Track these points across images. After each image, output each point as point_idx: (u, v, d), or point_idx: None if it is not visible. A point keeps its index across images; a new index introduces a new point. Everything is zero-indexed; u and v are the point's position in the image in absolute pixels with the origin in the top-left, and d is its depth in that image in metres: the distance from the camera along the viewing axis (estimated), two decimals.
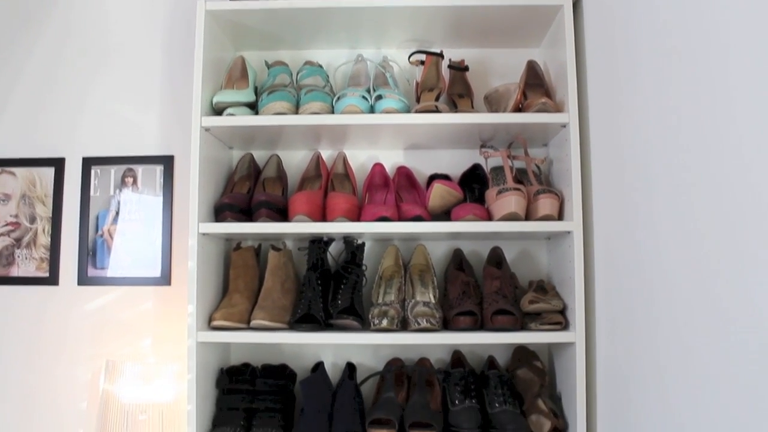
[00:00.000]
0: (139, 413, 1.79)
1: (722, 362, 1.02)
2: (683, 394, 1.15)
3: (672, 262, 1.20)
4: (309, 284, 1.77)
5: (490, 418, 1.71)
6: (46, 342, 2.07)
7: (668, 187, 1.21)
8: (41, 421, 2.06)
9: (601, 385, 1.61)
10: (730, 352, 1.00)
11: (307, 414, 1.74)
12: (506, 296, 1.74)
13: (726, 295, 1.01)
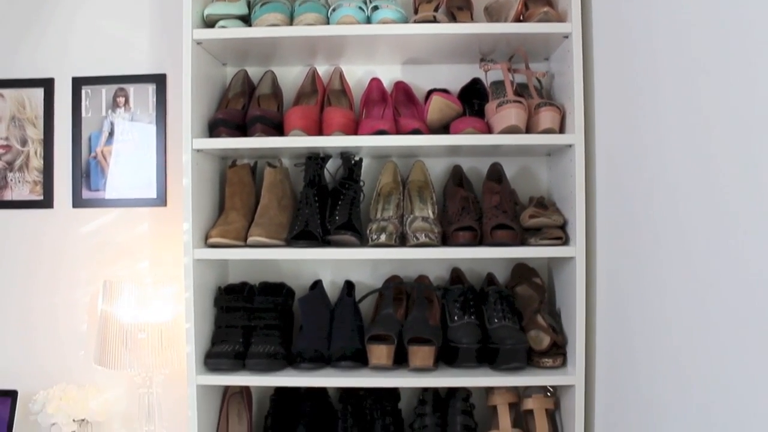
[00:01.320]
0: (138, 332, 1.79)
1: (726, 272, 1.00)
2: (684, 307, 1.14)
3: (677, 172, 1.17)
4: (306, 201, 1.74)
5: (489, 334, 1.71)
6: (43, 265, 2.06)
7: (675, 99, 1.17)
8: (41, 344, 2.06)
9: (601, 301, 1.61)
10: (735, 257, 0.98)
11: (305, 331, 1.74)
12: (506, 211, 1.72)
13: (733, 199, 0.99)
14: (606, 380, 1.57)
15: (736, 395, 0.97)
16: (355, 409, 1.80)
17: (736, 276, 0.97)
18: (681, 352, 1.15)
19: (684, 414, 1.14)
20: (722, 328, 1.01)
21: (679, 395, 1.16)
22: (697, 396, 1.09)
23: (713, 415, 1.04)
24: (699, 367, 1.08)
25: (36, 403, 1.93)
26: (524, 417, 1.81)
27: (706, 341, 1.06)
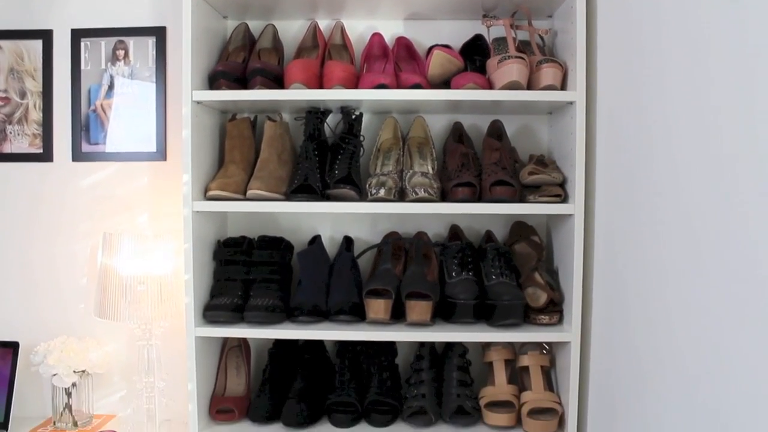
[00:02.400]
0: (138, 284, 1.80)
1: (724, 229, 1.00)
2: (681, 265, 1.14)
3: (678, 131, 1.16)
4: (306, 154, 1.74)
5: (487, 290, 1.72)
6: (43, 219, 2.06)
7: (679, 57, 1.16)
8: (42, 297, 2.08)
9: (599, 259, 1.61)
10: (733, 214, 0.98)
11: (304, 285, 1.75)
12: (506, 168, 1.71)
13: (733, 154, 0.98)
14: (601, 338, 1.58)
15: (729, 351, 0.98)
16: (352, 364, 1.82)
17: (733, 232, 0.97)
18: (677, 310, 1.15)
19: (677, 370, 1.15)
20: (718, 285, 1.01)
21: (673, 352, 1.16)
22: (691, 352, 1.10)
23: (706, 371, 1.04)
24: (693, 324, 1.09)
25: (37, 355, 1.95)
26: (520, 373, 1.83)
27: (701, 299, 1.06)
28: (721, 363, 1.00)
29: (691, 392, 1.09)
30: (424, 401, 1.72)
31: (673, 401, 1.16)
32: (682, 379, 1.13)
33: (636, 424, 1.33)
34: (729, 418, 0.97)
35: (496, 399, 1.74)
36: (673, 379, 1.16)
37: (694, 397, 1.08)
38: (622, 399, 1.42)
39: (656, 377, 1.23)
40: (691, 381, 1.09)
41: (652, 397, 1.25)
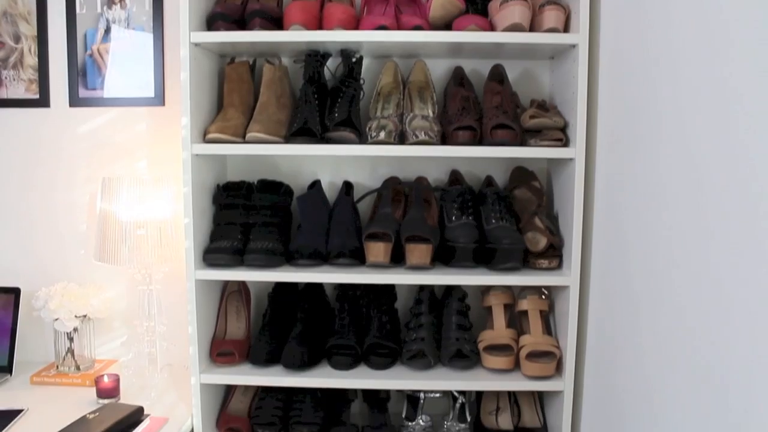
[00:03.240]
0: (137, 228, 1.80)
1: (727, 177, 0.99)
2: (682, 211, 1.13)
3: (682, 75, 1.15)
4: (305, 98, 1.72)
5: (486, 234, 1.72)
6: (41, 165, 2.06)
7: None
8: (42, 243, 2.08)
9: (599, 203, 1.61)
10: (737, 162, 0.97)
11: (304, 229, 1.75)
12: (507, 112, 1.70)
13: (742, 97, 0.97)
14: (600, 282, 1.58)
15: (729, 294, 0.98)
16: (351, 308, 1.83)
17: (736, 181, 0.97)
18: (677, 254, 1.15)
19: (676, 313, 1.15)
20: (721, 228, 1.01)
21: (672, 296, 1.17)
22: (689, 296, 1.10)
23: (705, 314, 1.05)
24: (693, 267, 1.09)
25: (38, 300, 1.96)
26: (518, 318, 1.84)
27: (702, 242, 1.06)
28: (720, 304, 1.00)
29: (689, 335, 1.10)
30: (423, 345, 1.74)
31: (671, 344, 1.17)
32: (680, 322, 1.13)
33: (634, 368, 1.34)
34: (727, 357, 0.98)
35: (494, 343, 1.76)
36: (672, 323, 1.17)
37: (692, 340, 1.09)
38: (620, 342, 1.43)
39: (655, 321, 1.24)
40: (690, 324, 1.10)
41: (650, 341, 1.26)
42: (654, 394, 1.23)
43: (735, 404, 0.95)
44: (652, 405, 1.24)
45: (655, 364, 1.23)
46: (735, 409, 0.95)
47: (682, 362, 1.12)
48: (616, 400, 1.45)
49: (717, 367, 1.00)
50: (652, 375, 1.25)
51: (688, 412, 1.09)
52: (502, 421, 1.81)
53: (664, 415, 1.18)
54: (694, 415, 1.07)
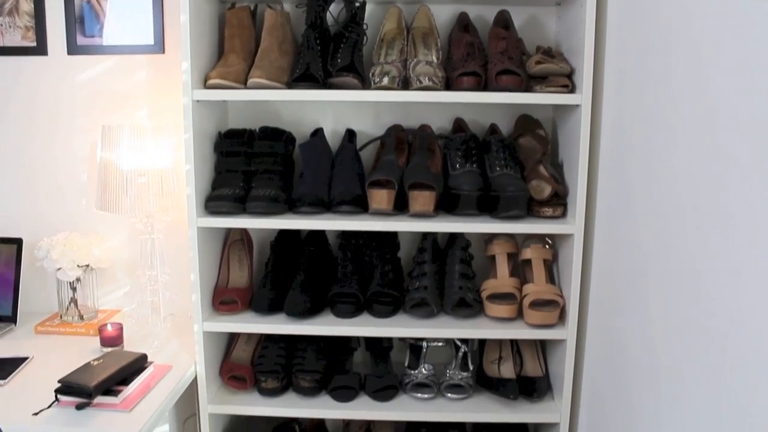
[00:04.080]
0: (138, 177, 1.78)
1: (738, 129, 0.97)
2: (690, 160, 1.11)
3: (694, 21, 1.11)
4: (307, 43, 1.69)
5: (490, 182, 1.70)
6: (40, 115, 2.03)
7: None
8: (43, 194, 2.07)
9: (604, 152, 1.58)
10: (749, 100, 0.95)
11: (306, 177, 1.73)
12: (512, 57, 1.67)
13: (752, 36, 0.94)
14: (605, 231, 1.57)
15: (740, 243, 0.96)
16: (354, 257, 1.82)
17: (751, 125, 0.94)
18: (685, 202, 1.13)
19: (682, 263, 1.13)
20: (732, 178, 0.98)
21: (678, 246, 1.15)
22: (697, 246, 1.08)
23: (713, 264, 1.03)
24: (702, 216, 1.07)
25: (41, 250, 1.96)
26: (522, 267, 1.84)
27: (712, 191, 1.04)
28: (729, 251, 0.98)
29: (695, 285, 1.08)
30: (426, 293, 1.73)
31: (676, 295, 1.15)
32: (687, 272, 1.12)
33: (638, 317, 1.34)
34: (735, 304, 0.97)
35: (497, 291, 1.75)
36: (678, 273, 1.15)
37: (698, 291, 1.08)
38: (624, 291, 1.42)
39: (660, 269, 1.23)
40: (697, 274, 1.08)
41: (655, 290, 1.25)
42: (657, 342, 1.23)
43: (740, 349, 0.94)
44: (655, 353, 1.24)
45: (660, 312, 1.22)
46: (740, 354, 0.94)
47: (687, 309, 1.11)
48: (619, 349, 1.45)
49: (724, 313, 0.99)
50: (655, 323, 1.24)
51: (692, 359, 1.09)
52: (504, 370, 1.81)
53: (668, 364, 1.18)
54: (699, 362, 1.07)
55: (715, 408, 1.00)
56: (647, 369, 1.27)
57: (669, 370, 1.17)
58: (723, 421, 0.98)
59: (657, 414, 1.21)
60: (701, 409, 1.05)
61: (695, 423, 1.06)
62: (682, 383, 1.12)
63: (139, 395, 1.61)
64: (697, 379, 1.06)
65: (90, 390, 1.53)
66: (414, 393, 1.80)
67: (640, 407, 1.31)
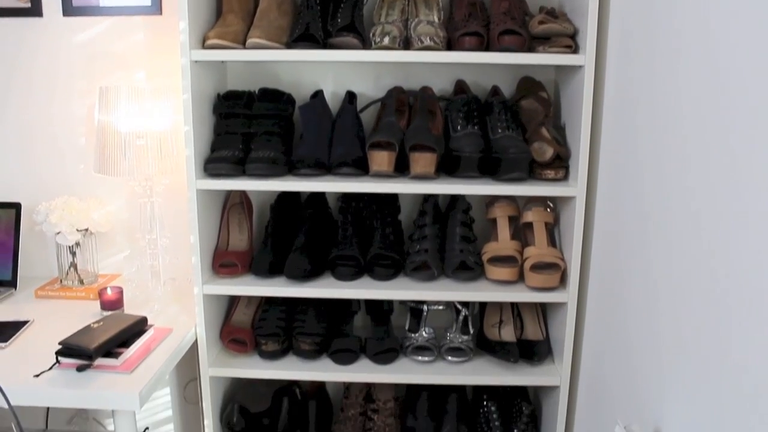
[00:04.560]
0: (137, 139, 1.77)
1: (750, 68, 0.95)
2: (695, 121, 1.09)
3: None
4: (307, 3, 1.66)
5: (492, 144, 1.69)
6: (36, 78, 2.01)
7: None
8: (41, 158, 2.05)
9: (608, 113, 1.56)
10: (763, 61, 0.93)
11: (306, 139, 1.72)
12: (515, 18, 1.64)
13: None
14: (607, 193, 1.56)
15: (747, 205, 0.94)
16: (355, 220, 1.81)
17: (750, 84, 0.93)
18: (692, 163, 1.11)
19: (687, 225, 1.12)
20: (741, 137, 0.97)
21: (683, 209, 1.13)
22: (704, 207, 1.06)
23: (719, 226, 1.02)
24: (709, 178, 1.05)
25: (39, 214, 1.95)
26: (523, 230, 1.83)
27: (719, 150, 1.02)
28: (736, 213, 0.97)
29: (700, 247, 1.07)
30: (427, 256, 1.73)
31: (680, 258, 1.14)
32: (691, 234, 1.10)
33: (640, 280, 1.32)
34: (739, 267, 0.95)
35: (498, 254, 1.74)
36: (682, 235, 1.14)
37: (703, 252, 1.06)
38: (626, 254, 1.41)
39: (663, 233, 1.21)
40: (702, 235, 1.07)
41: (658, 254, 1.23)
42: (659, 305, 1.22)
43: (743, 310, 0.93)
44: (657, 316, 1.23)
45: (662, 275, 1.21)
46: (743, 316, 0.93)
47: (690, 272, 1.10)
48: (620, 312, 1.44)
49: (729, 274, 0.98)
50: (658, 287, 1.23)
51: (695, 321, 1.08)
52: (505, 334, 1.82)
53: (670, 327, 1.17)
54: (701, 325, 1.06)
55: (718, 371, 1.00)
56: (649, 332, 1.27)
57: (671, 333, 1.17)
58: (725, 383, 0.97)
59: (659, 377, 1.21)
60: (703, 372, 1.04)
61: (697, 385, 1.06)
62: (684, 346, 1.11)
63: (139, 357, 1.62)
64: (700, 341, 1.06)
65: (90, 352, 1.53)
66: (414, 356, 1.80)
67: (641, 370, 1.30)
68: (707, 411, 1.02)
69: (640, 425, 1.27)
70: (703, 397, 1.04)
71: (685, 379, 1.11)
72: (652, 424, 1.23)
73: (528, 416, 1.87)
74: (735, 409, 0.94)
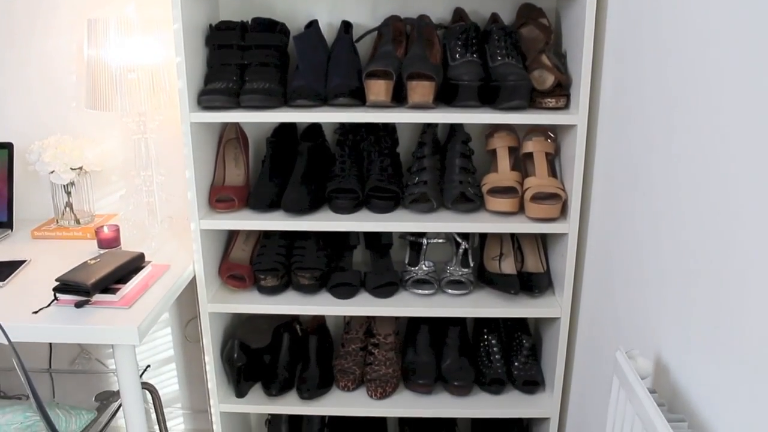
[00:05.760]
0: (128, 72, 1.73)
1: None
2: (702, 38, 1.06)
3: None
4: None
5: (491, 72, 1.65)
6: (20, 13, 1.94)
7: None
8: (32, 97, 2.01)
9: (610, 38, 1.51)
10: None
11: (302, 70, 1.68)
12: None
13: None
14: (610, 120, 1.52)
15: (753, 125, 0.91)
16: (352, 153, 1.78)
17: None
18: (692, 88, 1.08)
19: (692, 151, 1.09)
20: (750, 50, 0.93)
21: (688, 133, 1.10)
22: (709, 131, 1.03)
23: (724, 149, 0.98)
24: (714, 101, 1.02)
25: (32, 153, 1.92)
26: (523, 161, 1.80)
27: (719, 73, 0.99)
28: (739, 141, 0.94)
29: (704, 175, 1.04)
30: (426, 188, 1.70)
31: (682, 185, 1.11)
32: (695, 162, 1.07)
33: (642, 210, 1.30)
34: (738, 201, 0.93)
35: (498, 185, 1.72)
36: (685, 161, 1.10)
37: (706, 181, 1.03)
38: (628, 184, 1.38)
39: (666, 160, 1.18)
40: (705, 163, 1.04)
41: (661, 182, 1.20)
42: (661, 235, 1.20)
43: (744, 240, 0.91)
44: (659, 246, 1.21)
45: (665, 204, 1.18)
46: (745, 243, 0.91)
47: (693, 201, 1.07)
48: (621, 242, 1.42)
49: (729, 204, 0.95)
50: (660, 216, 1.20)
51: (698, 251, 1.05)
52: (505, 266, 1.81)
53: (672, 257, 1.15)
54: (704, 254, 1.04)
55: (718, 297, 0.98)
56: (651, 262, 1.25)
57: (673, 264, 1.15)
58: (724, 309, 0.95)
59: (660, 309, 1.20)
60: (704, 298, 1.02)
61: (698, 310, 1.04)
62: (686, 276, 1.10)
63: (137, 293, 1.61)
64: (703, 271, 1.04)
65: (88, 288, 1.53)
66: (414, 289, 1.79)
67: (642, 301, 1.29)
68: (707, 336, 1.01)
69: (642, 351, 1.26)
70: (704, 322, 1.02)
71: (686, 305, 1.09)
72: (653, 350, 1.22)
73: (528, 349, 1.88)
74: (734, 333, 0.93)
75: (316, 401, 1.84)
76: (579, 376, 1.73)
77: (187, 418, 2.28)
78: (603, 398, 1.55)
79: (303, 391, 1.81)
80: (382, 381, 1.83)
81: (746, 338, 0.90)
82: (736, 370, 0.92)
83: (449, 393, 1.86)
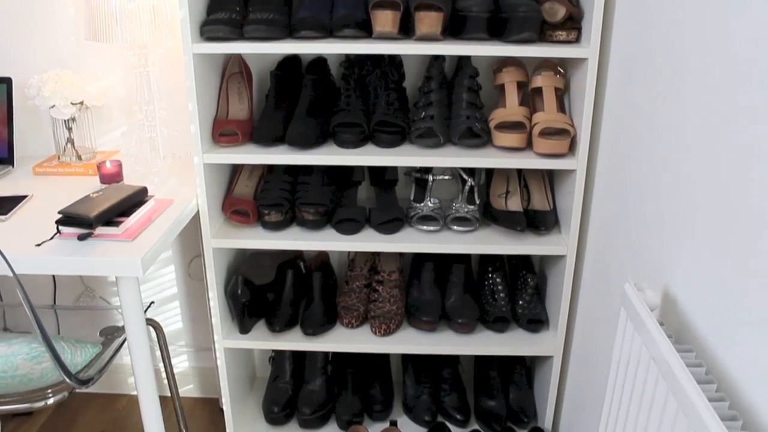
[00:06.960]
0: (128, 2, 1.68)
1: None
2: None
3: None
4: None
5: (500, 4, 1.60)
6: None
7: None
8: (30, 31, 1.97)
9: None
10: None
11: (306, 1, 1.63)
12: None
13: None
14: (621, 55, 1.48)
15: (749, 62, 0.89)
16: (358, 86, 1.75)
17: None
18: (706, 24, 1.05)
19: (700, 88, 1.06)
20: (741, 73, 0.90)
21: (698, 69, 1.07)
22: (714, 66, 1.00)
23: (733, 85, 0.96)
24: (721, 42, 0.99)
25: (31, 88, 1.89)
26: (532, 96, 1.77)
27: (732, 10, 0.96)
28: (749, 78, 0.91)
29: (714, 115, 1.01)
30: (433, 123, 1.68)
31: (692, 121, 1.09)
32: (704, 96, 1.04)
33: (651, 148, 1.27)
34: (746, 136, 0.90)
35: (506, 120, 1.69)
36: (695, 98, 1.07)
37: (715, 116, 1.00)
38: (638, 121, 1.35)
39: (677, 96, 1.15)
40: (715, 102, 1.01)
41: (670, 120, 1.18)
42: (670, 169, 1.17)
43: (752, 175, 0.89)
44: (668, 181, 1.18)
45: (674, 142, 1.16)
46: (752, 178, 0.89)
47: (703, 136, 1.05)
48: (630, 177, 1.39)
49: (739, 137, 0.93)
50: (669, 154, 1.18)
51: (706, 190, 1.03)
52: (511, 204, 1.79)
53: (680, 195, 1.13)
54: (709, 191, 1.02)
55: (727, 232, 0.96)
56: (659, 197, 1.23)
57: (681, 197, 1.13)
58: (732, 242, 0.94)
59: (668, 243, 1.18)
60: (712, 233, 1.01)
61: (706, 247, 1.03)
62: (693, 210, 1.08)
63: (140, 227, 1.60)
64: (710, 204, 1.02)
65: (90, 220, 1.51)
66: (419, 226, 1.78)
67: (648, 239, 1.27)
68: (715, 268, 1.00)
69: (649, 285, 1.25)
70: (712, 255, 1.01)
71: (694, 238, 1.08)
72: (661, 284, 1.21)
73: (533, 288, 1.88)
74: (741, 264, 0.92)
75: (319, 338, 1.84)
76: (583, 313, 1.73)
77: (191, 355, 2.30)
78: (607, 335, 1.54)
79: (307, 328, 1.81)
80: (386, 318, 1.83)
81: (753, 269, 0.89)
82: (744, 301, 0.91)
83: (453, 330, 1.87)
